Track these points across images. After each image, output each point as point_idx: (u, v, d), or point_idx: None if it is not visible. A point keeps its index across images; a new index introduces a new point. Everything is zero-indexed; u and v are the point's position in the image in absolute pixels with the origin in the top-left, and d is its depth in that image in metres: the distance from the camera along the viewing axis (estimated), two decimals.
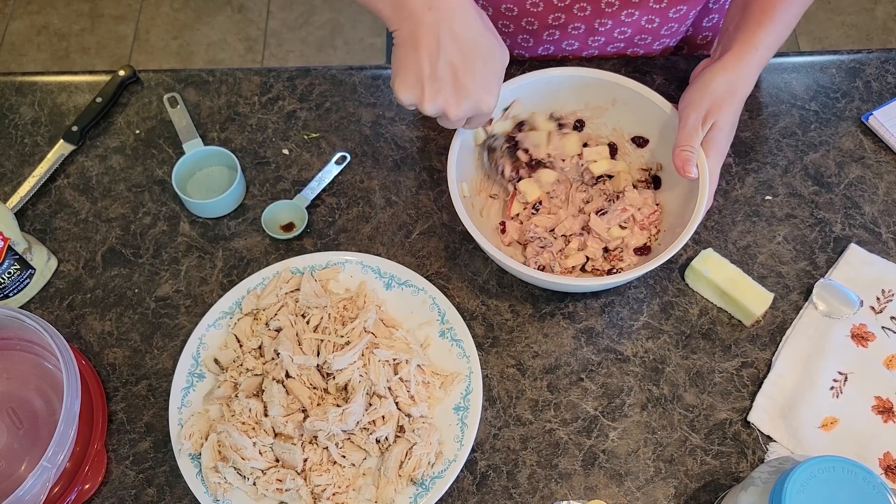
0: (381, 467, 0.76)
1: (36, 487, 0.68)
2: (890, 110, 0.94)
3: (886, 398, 0.79)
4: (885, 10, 2.22)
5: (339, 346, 0.79)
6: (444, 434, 0.77)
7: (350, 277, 0.86)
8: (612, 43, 0.98)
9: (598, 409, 0.80)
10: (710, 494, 0.76)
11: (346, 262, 0.86)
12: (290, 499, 0.75)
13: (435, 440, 0.76)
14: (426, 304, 0.83)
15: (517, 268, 0.76)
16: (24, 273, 0.84)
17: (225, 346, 0.82)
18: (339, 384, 0.78)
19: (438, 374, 0.80)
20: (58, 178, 0.94)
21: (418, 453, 0.75)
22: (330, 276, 0.85)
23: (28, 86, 1.00)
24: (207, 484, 0.75)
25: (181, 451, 0.77)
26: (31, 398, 0.79)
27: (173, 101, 0.97)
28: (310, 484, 0.75)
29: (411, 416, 0.77)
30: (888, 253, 0.87)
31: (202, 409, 0.79)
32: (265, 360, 0.80)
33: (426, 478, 0.75)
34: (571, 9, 0.92)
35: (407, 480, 0.75)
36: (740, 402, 0.80)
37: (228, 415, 0.77)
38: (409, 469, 0.75)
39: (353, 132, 0.96)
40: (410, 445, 0.76)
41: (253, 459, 0.75)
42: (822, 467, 0.60)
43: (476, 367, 0.79)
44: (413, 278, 0.84)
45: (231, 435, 0.75)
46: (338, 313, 0.82)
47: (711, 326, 0.84)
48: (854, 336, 0.82)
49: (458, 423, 0.77)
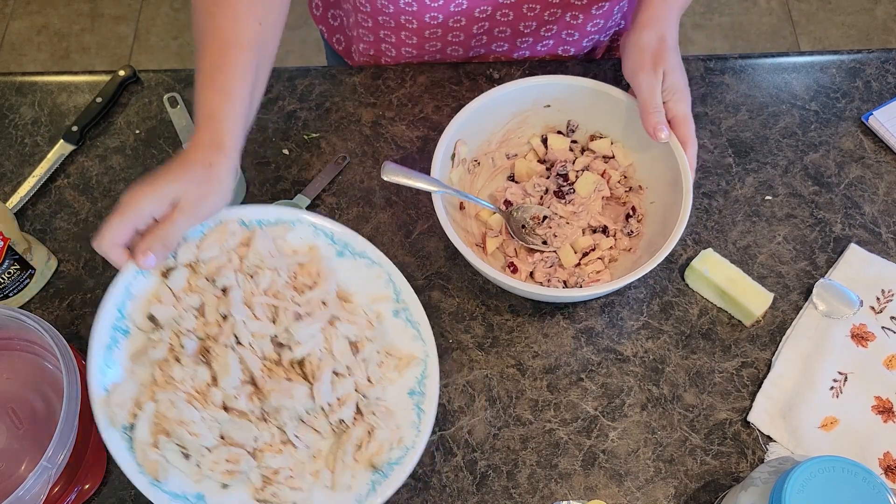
0: (339, 451, 0.71)
1: (36, 487, 0.68)
2: (890, 110, 0.94)
3: (886, 398, 0.79)
4: (885, 10, 2.22)
5: (298, 315, 0.72)
6: (401, 419, 0.74)
7: (299, 239, 0.77)
8: (541, 41, 0.98)
9: (598, 409, 0.80)
10: (710, 494, 0.76)
11: (298, 221, 0.77)
12: (238, 482, 0.68)
13: (394, 425, 0.73)
14: (381, 279, 0.77)
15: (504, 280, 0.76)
16: (24, 273, 0.84)
17: (158, 299, 0.70)
18: (295, 358, 0.71)
19: (392, 356, 0.76)
20: (58, 178, 0.94)
21: (380, 438, 0.71)
22: (277, 235, 0.76)
23: (28, 86, 1.00)
24: (144, 463, 0.65)
25: (111, 421, 0.66)
26: (31, 398, 0.79)
27: (173, 101, 0.97)
28: (262, 466, 0.68)
29: (367, 398, 0.74)
30: (888, 253, 0.87)
31: (129, 371, 0.69)
32: (206, 321, 0.71)
33: (384, 464, 0.71)
34: (494, 16, 0.92)
35: (365, 465, 0.71)
36: (740, 402, 0.80)
37: (164, 381, 0.68)
38: (369, 454, 0.71)
39: (353, 132, 0.96)
40: (371, 429, 0.72)
41: (201, 436, 0.66)
42: (822, 467, 0.60)
43: (433, 352, 0.76)
44: (369, 250, 0.78)
45: (176, 405, 0.66)
46: (290, 278, 0.75)
47: (711, 326, 0.84)
48: (854, 336, 0.82)
49: (415, 409, 0.74)
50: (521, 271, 0.84)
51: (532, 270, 0.85)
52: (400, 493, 0.77)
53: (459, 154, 0.85)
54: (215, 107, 0.71)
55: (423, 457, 0.78)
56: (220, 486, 0.68)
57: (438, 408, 0.81)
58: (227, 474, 0.67)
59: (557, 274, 0.84)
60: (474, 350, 0.83)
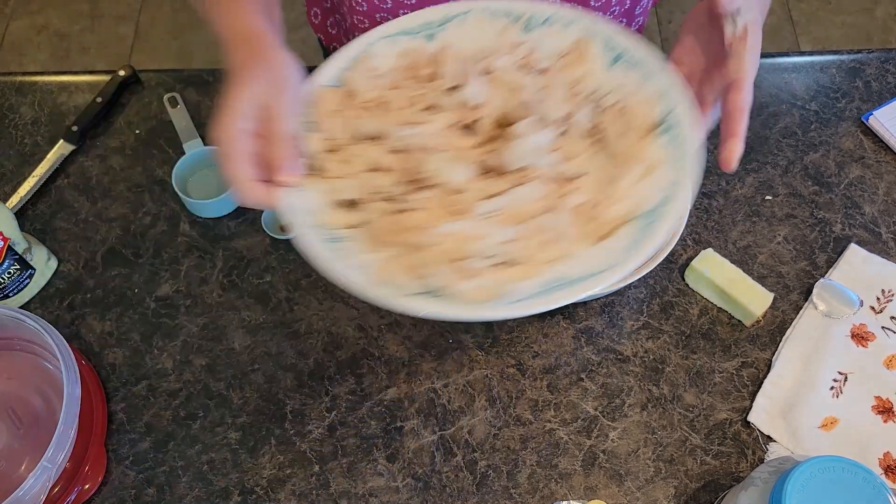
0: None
1: (36, 487, 0.68)
2: (890, 110, 0.94)
3: (886, 398, 0.79)
4: (885, 10, 2.22)
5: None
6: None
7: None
8: None
9: (598, 409, 0.80)
10: (710, 494, 0.76)
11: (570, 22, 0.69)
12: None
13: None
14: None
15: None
16: (24, 273, 0.84)
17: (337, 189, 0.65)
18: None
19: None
20: (58, 178, 0.94)
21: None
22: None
23: (28, 86, 1.00)
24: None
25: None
26: (31, 398, 0.79)
27: (173, 101, 0.97)
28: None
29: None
30: (888, 253, 0.87)
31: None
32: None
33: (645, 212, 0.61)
34: None
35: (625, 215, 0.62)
36: (740, 402, 0.80)
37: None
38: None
39: None
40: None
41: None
42: (822, 467, 0.60)
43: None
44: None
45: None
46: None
47: (711, 326, 0.84)
48: (854, 336, 0.82)
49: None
50: None
51: None
52: (400, 493, 0.77)
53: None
54: (240, 23, 0.65)
55: (422, 457, 0.78)
56: None
57: (438, 407, 0.81)
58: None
59: None
60: (474, 350, 0.83)
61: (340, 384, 0.82)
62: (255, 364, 0.83)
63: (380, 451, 0.79)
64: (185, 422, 0.81)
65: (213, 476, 0.78)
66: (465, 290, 0.58)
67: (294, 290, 0.87)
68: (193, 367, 0.83)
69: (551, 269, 0.59)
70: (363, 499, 0.77)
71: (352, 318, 0.85)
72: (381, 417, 0.80)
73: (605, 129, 0.66)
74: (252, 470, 0.78)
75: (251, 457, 0.79)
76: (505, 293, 0.58)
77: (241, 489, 0.77)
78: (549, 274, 0.59)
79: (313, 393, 0.82)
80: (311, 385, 0.82)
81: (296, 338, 0.85)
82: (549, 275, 0.59)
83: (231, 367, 0.83)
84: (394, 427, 0.80)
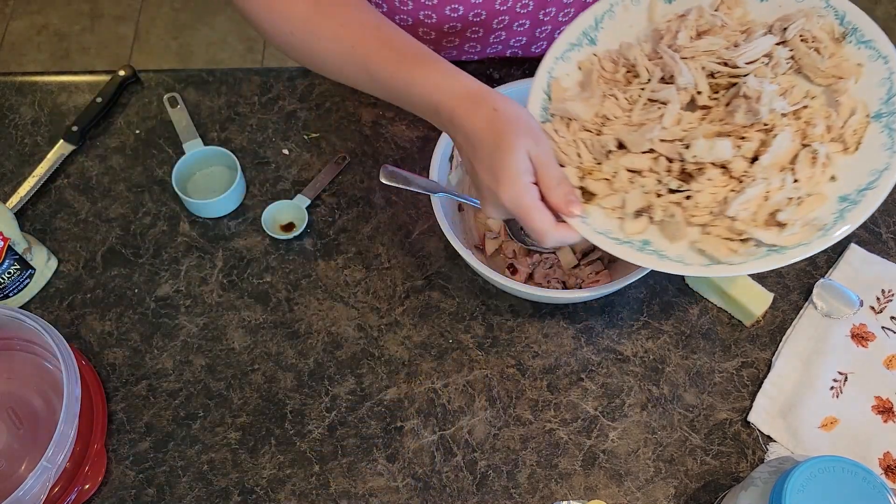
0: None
1: (36, 487, 0.68)
2: None
3: (886, 398, 0.79)
4: (885, 10, 2.22)
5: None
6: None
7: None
8: (558, 28, 0.98)
9: (598, 409, 0.80)
10: (710, 494, 0.76)
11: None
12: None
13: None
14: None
15: (503, 282, 0.76)
16: (24, 273, 0.84)
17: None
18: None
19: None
20: (58, 178, 0.94)
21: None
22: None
23: (28, 86, 1.00)
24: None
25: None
26: (31, 398, 0.79)
27: (173, 101, 0.97)
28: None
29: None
30: (888, 253, 0.87)
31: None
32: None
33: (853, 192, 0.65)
34: (514, 8, 0.91)
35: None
36: (740, 402, 0.80)
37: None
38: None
39: (353, 132, 0.96)
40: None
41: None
42: (822, 467, 0.60)
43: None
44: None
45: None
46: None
47: (711, 326, 0.84)
48: (854, 336, 0.82)
49: (885, 130, 0.66)
50: (521, 272, 0.84)
51: (531, 271, 0.85)
52: (400, 493, 0.77)
53: (457, 156, 0.85)
54: (431, 75, 0.69)
55: (422, 457, 0.78)
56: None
57: (438, 407, 0.81)
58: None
59: (557, 275, 0.84)
60: (474, 350, 0.83)
61: (340, 384, 0.82)
62: (255, 364, 0.83)
63: (380, 451, 0.79)
64: (185, 422, 0.81)
65: (213, 476, 0.78)
66: (787, 239, 0.64)
67: (294, 290, 0.87)
68: (193, 367, 0.83)
69: (833, 189, 0.65)
70: (363, 499, 0.77)
71: (352, 318, 0.85)
72: (381, 417, 0.80)
73: (800, 56, 0.69)
74: (252, 470, 0.78)
75: (251, 457, 0.79)
76: (817, 226, 0.64)
77: (241, 489, 0.77)
78: (833, 195, 0.65)
79: (313, 393, 0.82)
80: (311, 385, 0.82)
81: (296, 338, 0.85)
82: (833, 196, 0.65)
83: (231, 367, 0.83)
84: (394, 427, 0.80)
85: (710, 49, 0.70)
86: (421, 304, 0.86)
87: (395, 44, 0.71)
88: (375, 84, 0.72)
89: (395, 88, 0.71)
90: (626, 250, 0.67)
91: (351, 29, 0.72)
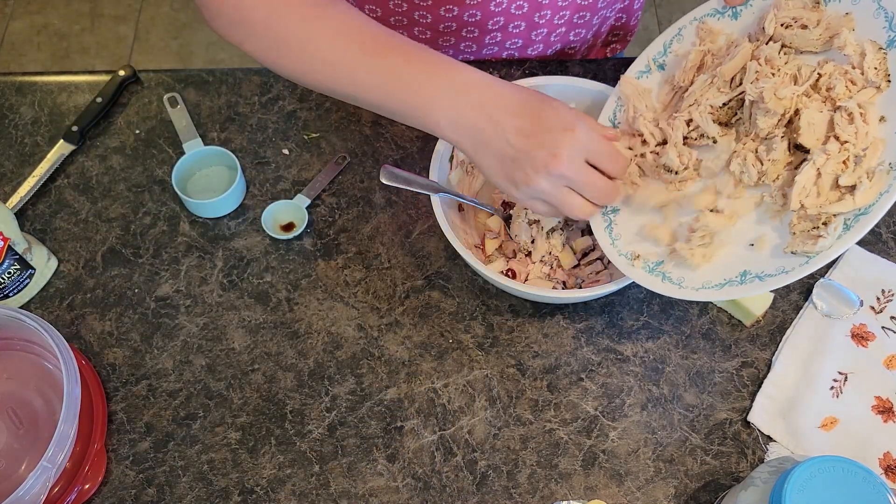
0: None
1: (36, 487, 0.68)
2: None
3: (886, 398, 0.79)
4: None
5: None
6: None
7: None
8: (553, 31, 0.98)
9: (598, 409, 0.80)
10: (710, 494, 0.76)
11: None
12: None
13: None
14: None
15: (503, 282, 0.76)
16: (24, 273, 0.84)
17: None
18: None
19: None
20: (58, 178, 0.94)
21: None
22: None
23: (28, 86, 1.00)
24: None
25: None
26: (31, 398, 0.79)
27: (173, 101, 0.97)
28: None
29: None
30: (888, 253, 0.87)
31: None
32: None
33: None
34: (509, 10, 0.92)
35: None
36: (740, 402, 0.80)
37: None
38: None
39: (353, 132, 0.96)
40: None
41: None
42: (822, 467, 0.60)
43: None
44: None
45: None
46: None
47: (711, 326, 0.84)
48: (854, 336, 0.82)
49: None
50: (520, 272, 0.84)
51: (531, 271, 0.85)
52: (400, 493, 0.77)
53: (458, 155, 0.85)
54: (451, 68, 0.69)
55: (422, 457, 0.78)
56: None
57: (438, 407, 0.81)
58: None
59: (557, 275, 0.84)
60: (474, 350, 0.83)
61: (340, 384, 0.82)
62: (255, 364, 0.83)
63: (380, 451, 0.79)
64: (185, 422, 0.81)
65: (213, 476, 0.78)
66: (863, 197, 0.63)
67: (294, 290, 0.87)
68: (193, 367, 0.83)
69: (888, 129, 0.64)
70: (363, 499, 0.77)
71: (352, 318, 0.85)
72: (381, 417, 0.80)
73: (790, 41, 0.70)
74: (252, 470, 0.78)
75: (251, 457, 0.79)
76: (887, 169, 0.62)
77: (241, 489, 0.77)
78: (891, 133, 0.64)
79: (313, 393, 0.82)
80: (311, 385, 0.82)
81: (296, 338, 0.85)
82: (892, 135, 0.63)
83: (231, 367, 0.83)
84: (394, 427, 0.80)
85: (704, 87, 0.72)
86: (421, 304, 0.86)
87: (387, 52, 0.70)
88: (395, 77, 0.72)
89: (404, 85, 0.70)
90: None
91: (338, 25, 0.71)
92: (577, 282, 0.84)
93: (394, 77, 0.69)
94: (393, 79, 0.69)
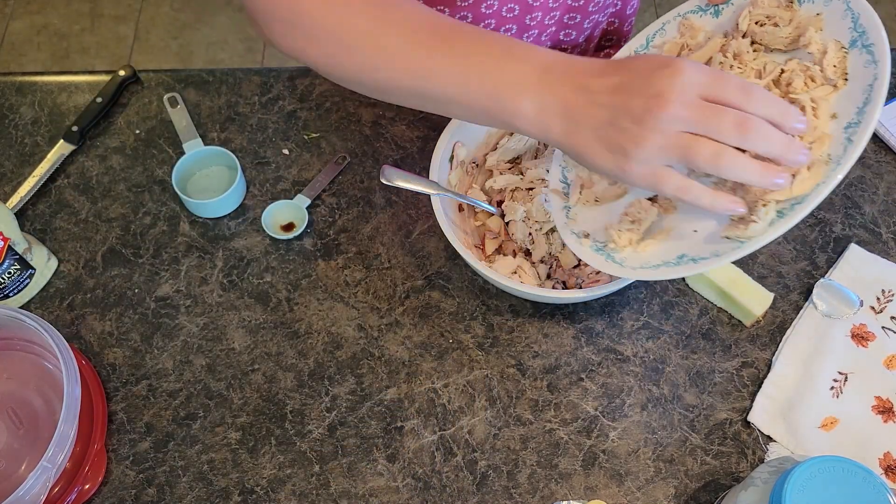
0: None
1: (36, 487, 0.68)
2: (890, 110, 0.94)
3: (886, 398, 0.79)
4: (885, 10, 2.22)
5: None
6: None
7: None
8: (544, 31, 0.98)
9: (598, 409, 0.80)
10: (710, 494, 0.76)
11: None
12: None
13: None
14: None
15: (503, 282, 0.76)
16: (24, 273, 0.84)
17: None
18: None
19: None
20: (58, 178, 0.94)
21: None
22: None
23: (28, 86, 1.00)
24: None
25: None
26: (31, 398, 0.79)
27: (173, 101, 0.97)
28: None
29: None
30: (888, 253, 0.87)
31: None
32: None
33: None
34: (500, 12, 0.91)
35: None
36: (740, 402, 0.80)
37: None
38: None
39: (353, 132, 0.96)
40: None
41: None
42: (822, 467, 0.60)
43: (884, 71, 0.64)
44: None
45: None
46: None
47: (711, 326, 0.84)
48: (854, 336, 0.82)
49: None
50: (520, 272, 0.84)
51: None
52: (400, 493, 0.77)
53: (458, 156, 0.85)
54: (505, 51, 0.63)
55: (422, 457, 0.78)
56: None
57: (438, 407, 0.81)
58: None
59: (557, 275, 0.84)
60: (474, 350, 0.83)
61: (340, 384, 0.82)
62: (255, 364, 0.83)
63: (380, 451, 0.79)
64: (185, 422, 0.81)
65: (213, 476, 0.78)
66: (800, 186, 0.62)
67: (294, 290, 0.87)
68: (193, 367, 0.83)
69: (837, 125, 0.64)
70: (363, 499, 0.77)
71: (352, 318, 0.85)
72: (381, 417, 0.80)
73: (760, 37, 0.71)
74: (252, 470, 0.78)
75: (251, 457, 0.79)
76: (825, 161, 0.62)
77: (241, 489, 0.77)
78: (838, 129, 0.63)
79: (313, 393, 0.82)
80: (311, 385, 0.82)
81: (296, 338, 0.85)
82: (838, 130, 0.63)
83: (231, 367, 0.83)
84: (394, 427, 0.80)
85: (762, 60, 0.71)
86: (421, 304, 0.86)
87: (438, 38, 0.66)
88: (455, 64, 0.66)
89: (471, 69, 0.65)
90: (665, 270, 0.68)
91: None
92: (577, 282, 0.84)
93: (473, 63, 0.64)
94: (472, 65, 0.63)
